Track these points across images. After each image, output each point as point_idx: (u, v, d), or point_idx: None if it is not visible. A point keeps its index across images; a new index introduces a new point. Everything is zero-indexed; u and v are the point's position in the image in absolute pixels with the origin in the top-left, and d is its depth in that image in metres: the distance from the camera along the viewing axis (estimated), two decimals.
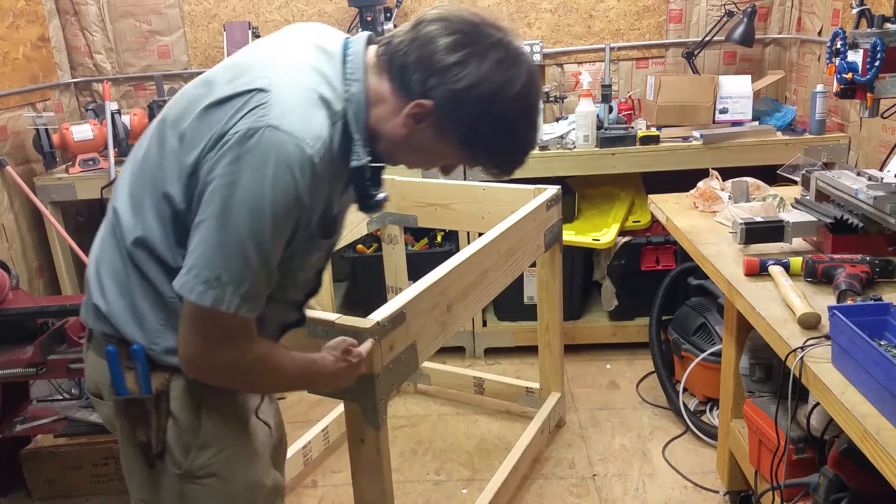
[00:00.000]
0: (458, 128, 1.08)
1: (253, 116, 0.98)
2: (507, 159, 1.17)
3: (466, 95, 1.05)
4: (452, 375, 2.79)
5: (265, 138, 0.97)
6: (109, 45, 3.36)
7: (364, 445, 1.45)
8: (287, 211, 1.00)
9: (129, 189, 1.11)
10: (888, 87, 1.65)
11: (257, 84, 1.02)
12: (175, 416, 1.13)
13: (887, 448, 1.06)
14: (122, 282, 1.11)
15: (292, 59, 1.08)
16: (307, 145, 0.99)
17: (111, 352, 1.10)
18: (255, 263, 1.00)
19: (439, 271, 1.65)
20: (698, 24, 3.23)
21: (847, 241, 1.69)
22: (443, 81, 1.05)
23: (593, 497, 2.25)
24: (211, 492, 1.17)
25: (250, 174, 0.97)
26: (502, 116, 1.08)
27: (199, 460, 1.15)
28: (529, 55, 1.14)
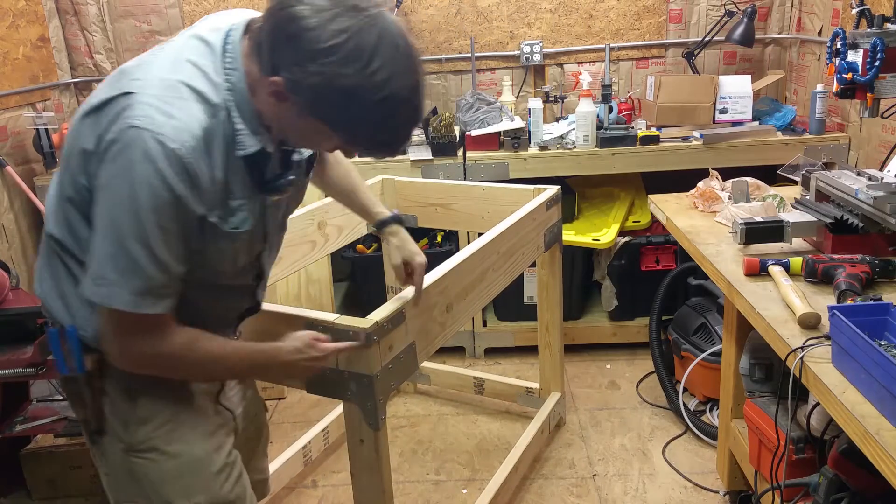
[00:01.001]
0: (314, 109, 1.04)
1: (118, 120, 1.00)
2: (379, 144, 1.11)
3: (312, 73, 0.99)
4: (452, 375, 2.79)
5: (128, 139, 0.99)
6: (109, 45, 3.36)
7: (363, 446, 1.46)
8: (164, 208, 1.01)
9: (54, 186, 1.15)
10: (888, 87, 1.65)
11: (126, 88, 1.03)
12: (109, 395, 1.19)
13: (887, 448, 1.06)
14: (52, 271, 1.16)
15: (168, 55, 1.08)
16: (169, 140, 0.99)
17: (52, 333, 1.16)
18: (144, 261, 1.03)
19: (439, 271, 1.65)
20: (698, 24, 3.23)
21: (847, 241, 1.69)
22: (289, 56, 1.00)
23: (593, 497, 2.25)
24: (155, 466, 1.21)
25: (120, 177, 0.99)
26: (355, 95, 1.00)
27: (139, 435, 1.20)
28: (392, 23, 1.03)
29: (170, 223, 1.03)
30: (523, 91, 3.32)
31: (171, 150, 0.99)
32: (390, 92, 1.01)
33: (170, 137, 0.99)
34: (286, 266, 2.09)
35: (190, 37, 1.11)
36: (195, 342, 1.16)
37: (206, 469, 1.26)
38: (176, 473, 1.22)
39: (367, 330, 1.37)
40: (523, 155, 2.88)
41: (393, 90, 1.01)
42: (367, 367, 1.39)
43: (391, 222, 1.61)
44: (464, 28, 3.28)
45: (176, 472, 1.22)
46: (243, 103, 1.08)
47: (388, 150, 1.12)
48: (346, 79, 0.99)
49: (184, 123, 1.01)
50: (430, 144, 2.92)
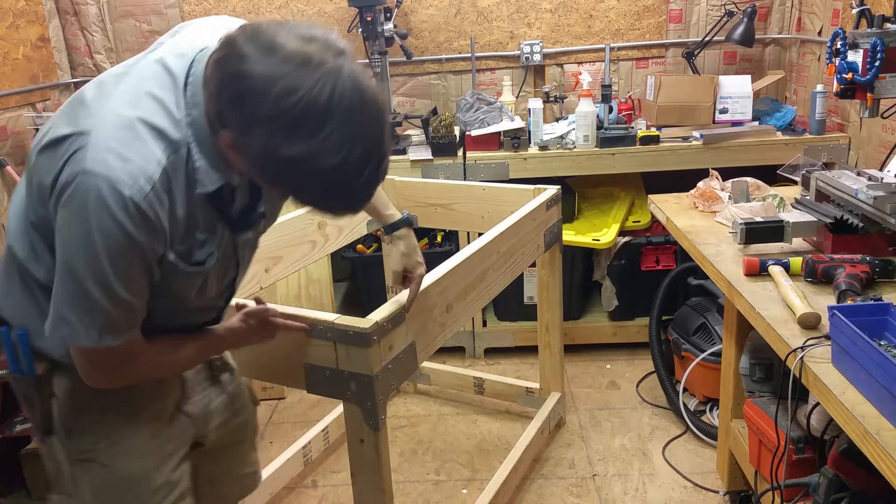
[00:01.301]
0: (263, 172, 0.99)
1: (72, 162, 0.97)
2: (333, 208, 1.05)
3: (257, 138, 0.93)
4: (452, 375, 2.79)
5: (81, 185, 0.96)
6: (109, 45, 3.36)
7: (363, 446, 1.45)
8: (120, 252, 0.99)
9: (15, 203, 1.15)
10: (888, 87, 1.65)
11: (80, 126, 1.00)
12: (58, 399, 1.20)
13: (887, 448, 1.06)
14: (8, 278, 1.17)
15: (129, 86, 1.04)
16: (125, 186, 0.96)
17: (3, 332, 1.16)
18: (104, 302, 1.01)
19: (439, 271, 1.65)
20: (698, 24, 3.23)
21: (847, 241, 1.69)
22: (235, 116, 0.95)
23: (593, 497, 2.24)
24: (93, 476, 1.22)
25: (76, 222, 0.97)
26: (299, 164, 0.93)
27: (81, 444, 1.21)
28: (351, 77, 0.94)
29: (128, 266, 1.02)
30: (523, 91, 3.32)
31: (125, 197, 0.96)
32: (342, 158, 0.94)
33: (124, 183, 0.96)
34: (286, 266, 2.09)
35: (155, 62, 1.06)
36: (165, 354, 1.19)
37: (143, 486, 1.25)
38: (110, 487, 1.23)
39: (367, 331, 1.37)
40: (523, 155, 2.88)
41: (344, 155, 0.94)
42: (367, 367, 1.39)
43: (401, 225, 1.60)
44: (464, 28, 3.28)
45: (110, 486, 1.23)
46: (204, 139, 1.03)
47: (343, 212, 1.07)
48: (292, 148, 0.92)
49: (138, 167, 0.97)
50: (430, 144, 2.92)
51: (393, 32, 2.94)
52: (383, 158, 1.00)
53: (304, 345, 1.44)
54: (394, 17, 2.98)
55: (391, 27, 2.93)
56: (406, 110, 3.37)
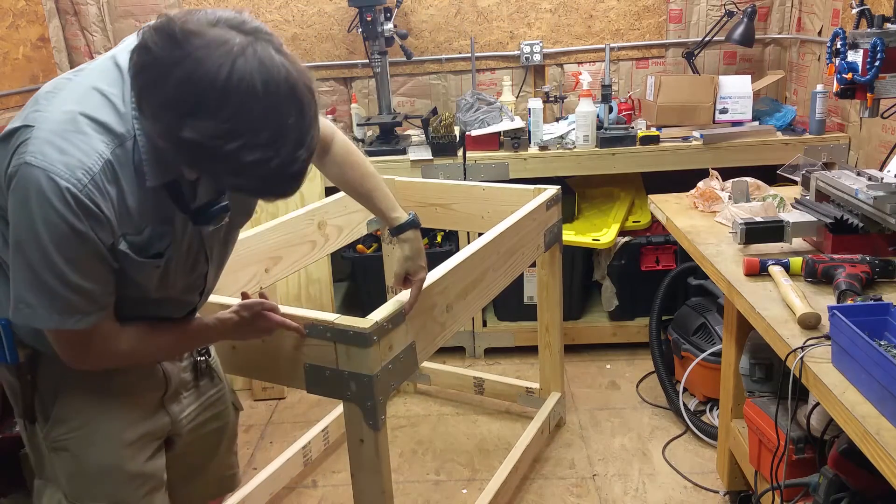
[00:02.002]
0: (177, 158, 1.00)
1: (17, 156, 1.00)
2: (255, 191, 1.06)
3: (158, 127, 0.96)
4: (452, 375, 2.79)
5: (22, 177, 0.99)
6: (109, 46, 3.36)
7: (363, 446, 1.45)
8: (65, 241, 1.00)
9: None
10: (888, 87, 1.65)
11: (28, 120, 1.03)
12: (38, 389, 1.23)
13: (887, 448, 1.06)
14: None
15: (81, 82, 1.06)
16: (60, 177, 0.97)
17: None
18: (59, 288, 1.03)
19: (439, 271, 1.65)
20: (698, 24, 3.23)
21: (847, 241, 1.69)
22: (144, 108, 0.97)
23: (593, 497, 2.24)
24: (65, 465, 1.25)
25: (21, 212, 1.00)
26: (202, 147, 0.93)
27: (54, 433, 1.24)
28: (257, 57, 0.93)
29: (76, 254, 1.02)
30: (523, 91, 3.32)
31: (62, 188, 0.97)
32: (244, 141, 0.93)
33: (60, 175, 0.97)
34: (286, 266, 2.09)
35: (108, 59, 1.09)
36: (144, 339, 1.20)
37: (115, 476, 1.27)
38: (82, 476, 1.26)
39: (367, 330, 1.37)
40: (523, 155, 2.88)
41: (247, 138, 0.93)
42: (367, 367, 1.39)
43: (407, 228, 1.56)
44: (464, 28, 3.28)
45: (82, 475, 1.25)
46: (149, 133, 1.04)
47: (268, 197, 1.07)
48: (193, 131, 0.92)
49: (77, 159, 0.99)
50: (430, 144, 2.92)
51: (393, 32, 2.95)
52: (303, 140, 0.98)
53: (303, 345, 1.44)
54: (394, 17, 2.98)
55: (391, 27, 2.94)
56: (406, 110, 3.37)
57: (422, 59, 3.30)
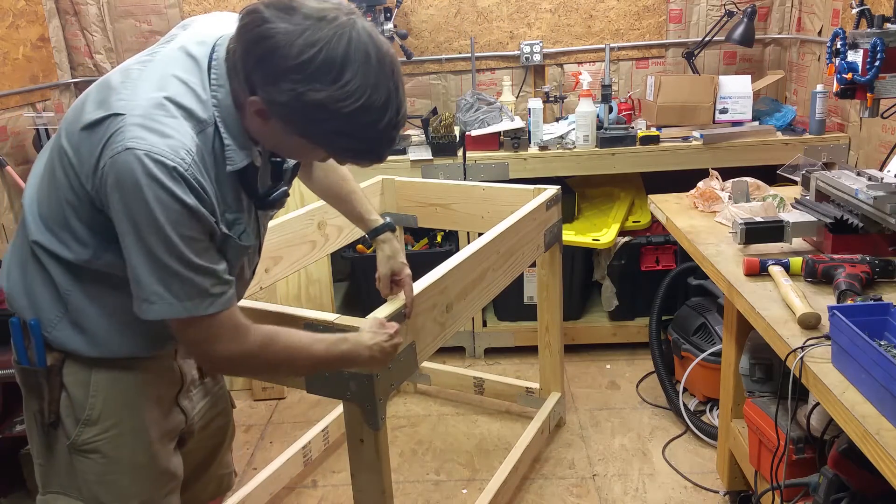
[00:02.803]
0: (294, 126, 1.06)
1: (112, 144, 1.01)
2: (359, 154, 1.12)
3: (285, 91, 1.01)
4: (452, 375, 2.79)
5: (127, 164, 1.00)
6: (109, 46, 3.36)
7: (363, 446, 1.46)
8: (182, 221, 1.03)
9: (37, 190, 1.16)
10: (888, 87, 1.65)
11: (114, 108, 1.04)
12: (67, 391, 1.21)
13: (887, 448, 1.06)
14: (24, 270, 1.18)
15: (156, 70, 1.09)
16: (167, 157, 1.00)
17: (14, 323, 1.19)
18: (183, 271, 1.05)
19: (439, 271, 1.65)
20: (698, 24, 3.23)
21: (847, 241, 1.69)
22: (261, 76, 1.02)
23: (593, 497, 2.24)
24: (95, 467, 1.24)
25: (134, 202, 1.01)
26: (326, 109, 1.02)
27: (85, 435, 1.22)
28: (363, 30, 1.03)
29: (192, 232, 1.05)
30: (523, 91, 3.33)
31: (169, 167, 1.00)
32: (363, 102, 1.02)
33: (166, 156, 1.00)
34: (286, 266, 2.09)
35: (177, 49, 1.12)
36: (274, 338, 1.18)
37: (144, 476, 1.28)
38: (113, 477, 1.25)
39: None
40: (523, 155, 2.88)
41: (366, 100, 1.02)
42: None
43: (383, 230, 1.65)
44: (464, 28, 3.28)
45: (113, 476, 1.25)
46: (230, 119, 1.09)
47: (371, 158, 1.13)
48: (318, 93, 1.00)
49: (177, 141, 1.02)
50: (430, 144, 2.92)
51: (393, 32, 2.94)
52: (401, 106, 1.08)
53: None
54: (394, 17, 2.98)
55: (391, 27, 2.93)
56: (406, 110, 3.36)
57: (422, 59, 3.30)
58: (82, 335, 1.18)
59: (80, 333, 1.17)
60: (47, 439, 1.25)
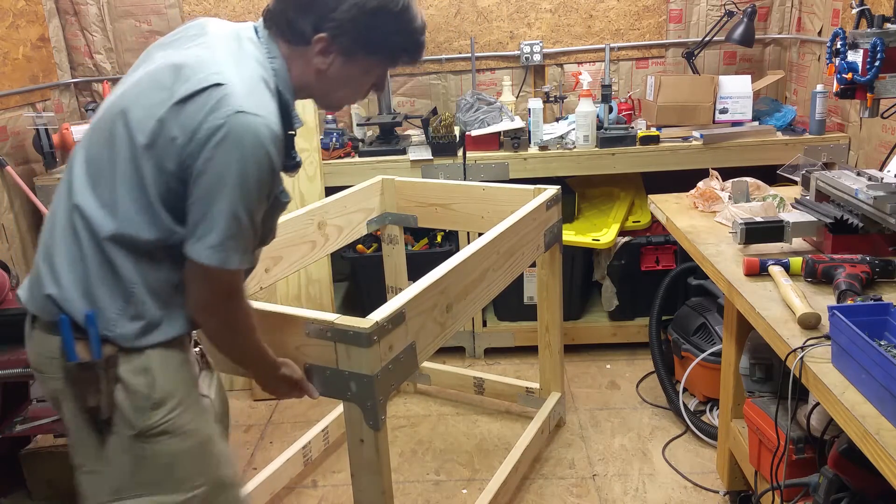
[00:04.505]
0: (357, 42, 1.24)
1: (220, 108, 1.11)
2: (410, 45, 1.31)
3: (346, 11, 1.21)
4: (452, 375, 2.79)
5: (236, 125, 1.11)
6: (109, 46, 3.36)
7: (363, 446, 1.46)
8: (266, 181, 1.17)
9: (90, 186, 1.19)
10: (888, 87, 1.65)
11: (213, 80, 1.14)
12: (124, 381, 1.22)
13: (887, 448, 1.06)
14: (79, 273, 1.20)
15: (229, 51, 1.21)
16: (272, 122, 1.15)
17: (64, 320, 1.19)
18: (247, 227, 1.17)
19: (439, 271, 1.65)
20: (698, 24, 3.23)
21: (847, 241, 1.69)
22: (321, 11, 1.22)
23: (593, 497, 2.25)
24: (167, 448, 1.25)
25: (231, 158, 1.11)
26: (383, 12, 1.23)
27: (153, 419, 1.24)
28: None
29: (267, 192, 1.19)
30: (523, 91, 3.33)
31: (273, 132, 1.14)
32: (405, 4, 1.25)
33: (271, 121, 1.14)
34: (286, 266, 2.09)
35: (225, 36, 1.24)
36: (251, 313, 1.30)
37: (211, 449, 1.31)
38: (187, 454, 1.27)
39: (367, 331, 1.37)
40: (523, 155, 2.88)
41: (406, 3, 1.25)
42: (367, 367, 1.39)
43: None
44: (464, 28, 3.28)
45: (187, 453, 1.27)
46: (286, 84, 1.25)
47: (418, 55, 1.34)
48: (371, 2, 1.22)
49: (271, 109, 1.17)
50: (430, 144, 2.92)
51: None
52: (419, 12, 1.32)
53: (304, 345, 1.44)
54: None
55: None
56: (406, 110, 3.37)
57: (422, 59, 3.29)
58: (140, 323, 1.21)
59: (138, 322, 1.21)
60: (101, 438, 1.24)
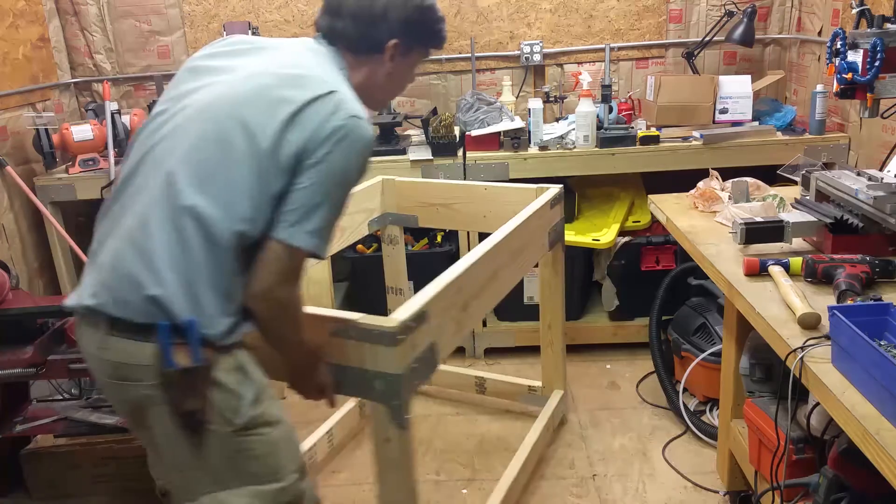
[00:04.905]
0: (416, 39, 1.43)
1: (339, 111, 1.25)
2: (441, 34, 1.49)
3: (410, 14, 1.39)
4: (453, 375, 2.79)
5: (354, 127, 1.25)
6: (109, 46, 3.36)
7: (389, 445, 1.46)
8: (361, 178, 1.31)
9: (198, 189, 1.22)
10: (888, 87, 1.65)
11: (328, 87, 1.27)
12: (220, 381, 1.25)
13: (887, 448, 1.06)
14: (184, 272, 1.21)
15: (315, 62, 1.35)
16: (371, 127, 1.29)
17: (163, 326, 1.20)
18: (337, 217, 1.30)
19: (455, 270, 1.65)
20: (698, 24, 3.23)
21: (847, 241, 1.69)
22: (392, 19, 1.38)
23: (593, 497, 2.25)
24: (265, 439, 1.30)
25: (345, 154, 1.24)
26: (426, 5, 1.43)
27: (255, 412, 1.29)
28: None
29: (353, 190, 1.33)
30: (523, 91, 3.33)
31: (372, 135, 1.29)
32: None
33: (369, 128, 1.29)
34: None
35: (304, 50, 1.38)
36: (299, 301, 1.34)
37: (295, 437, 1.39)
38: (282, 443, 1.34)
39: (393, 330, 1.39)
40: (523, 155, 2.88)
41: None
42: (393, 366, 1.40)
43: None
44: (464, 28, 3.28)
45: (280, 441, 1.33)
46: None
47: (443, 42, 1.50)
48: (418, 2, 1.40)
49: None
50: (430, 144, 2.92)
51: None
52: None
53: (327, 344, 1.45)
54: None
55: None
56: (406, 110, 3.37)
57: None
58: (233, 319, 1.26)
59: (232, 319, 1.25)
60: (199, 439, 1.26)
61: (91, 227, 1.35)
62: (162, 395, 1.23)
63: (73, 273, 3.02)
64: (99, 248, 1.29)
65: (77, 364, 2.05)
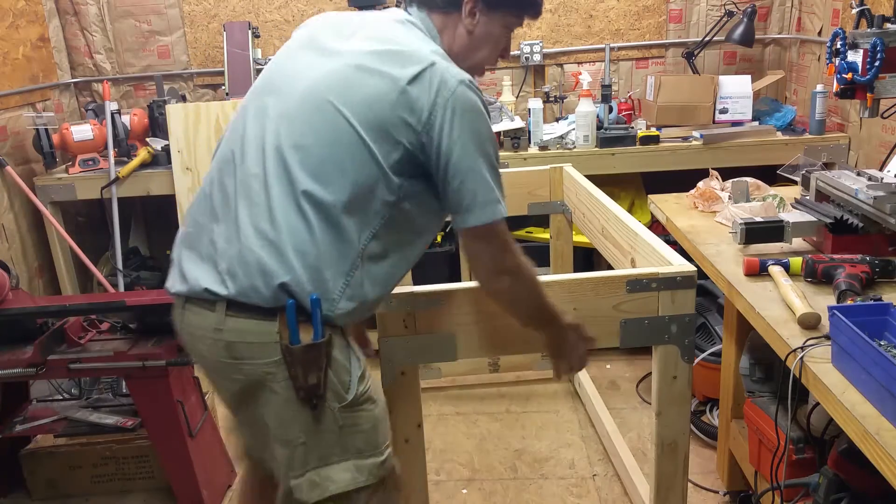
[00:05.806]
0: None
1: (447, 83, 1.25)
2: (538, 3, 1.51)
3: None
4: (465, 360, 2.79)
5: (464, 92, 1.25)
6: (109, 45, 3.36)
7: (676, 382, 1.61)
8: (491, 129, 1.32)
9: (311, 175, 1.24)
10: (888, 87, 1.65)
11: (429, 59, 1.27)
12: (334, 359, 1.29)
13: (887, 448, 1.06)
14: (310, 257, 1.24)
15: (413, 35, 1.35)
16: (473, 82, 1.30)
17: (291, 304, 1.24)
18: (499, 172, 1.30)
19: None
20: (698, 24, 3.23)
21: (847, 241, 1.69)
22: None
23: (593, 497, 2.24)
24: (369, 414, 1.34)
25: (477, 120, 1.27)
26: None
27: (362, 388, 1.33)
28: None
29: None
30: (523, 91, 3.32)
31: (479, 92, 1.29)
32: None
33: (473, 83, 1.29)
34: None
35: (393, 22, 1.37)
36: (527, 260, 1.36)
37: (387, 413, 1.42)
38: (382, 418, 1.38)
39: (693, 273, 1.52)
40: (523, 155, 2.88)
41: None
42: (688, 308, 1.54)
43: None
44: None
45: (382, 417, 1.38)
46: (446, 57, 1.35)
47: (540, 7, 1.52)
48: None
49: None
50: None
51: None
52: None
53: (623, 302, 1.54)
54: None
55: None
56: None
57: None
58: (353, 302, 1.28)
59: (352, 301, 1.28)
60: (314, 413, 1.29)
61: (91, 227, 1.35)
62: (283, 371, 1.26)
63: (73, 273, 3.02)
64: (201, 232, 1.31)
65: (77, 364, 2.05)
